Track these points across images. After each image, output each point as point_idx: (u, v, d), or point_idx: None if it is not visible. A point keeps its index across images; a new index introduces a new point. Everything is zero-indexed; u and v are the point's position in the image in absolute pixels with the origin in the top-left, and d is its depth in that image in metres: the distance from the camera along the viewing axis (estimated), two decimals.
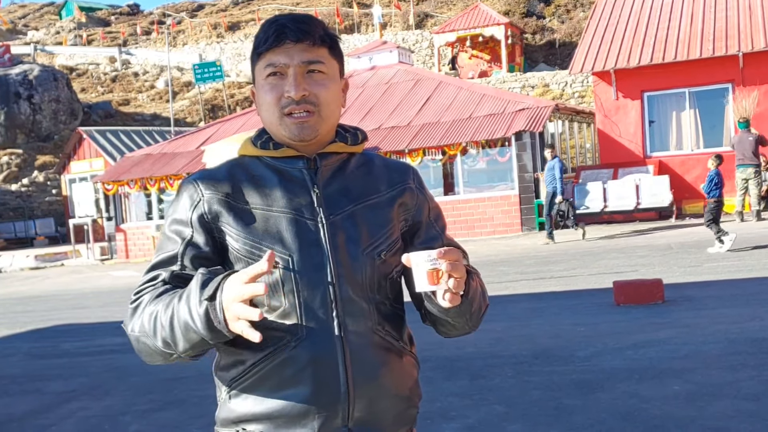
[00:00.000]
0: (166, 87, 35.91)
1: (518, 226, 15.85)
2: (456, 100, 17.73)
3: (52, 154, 30.76)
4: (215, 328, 1.28)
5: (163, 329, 1.34)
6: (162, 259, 1.44)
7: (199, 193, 1.44)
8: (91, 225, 20.76)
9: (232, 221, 1.42)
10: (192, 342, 1.32)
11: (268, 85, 1.44)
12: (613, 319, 6.59)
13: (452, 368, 5.41)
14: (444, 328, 1.50)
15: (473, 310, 1.45)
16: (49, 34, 49.18)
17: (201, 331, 1.29)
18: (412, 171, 1.57)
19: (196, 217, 1.43)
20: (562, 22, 33.51)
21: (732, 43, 16.05)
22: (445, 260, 1.30)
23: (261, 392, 1.41)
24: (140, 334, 1.38)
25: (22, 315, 10.89)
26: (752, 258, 9.30)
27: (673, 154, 16.65)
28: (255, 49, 1.46)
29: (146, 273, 1.45)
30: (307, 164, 1.46)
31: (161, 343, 1.35)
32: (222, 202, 1.42)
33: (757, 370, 4.67)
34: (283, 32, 1.42)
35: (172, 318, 1.32)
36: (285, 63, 1.42)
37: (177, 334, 1.32)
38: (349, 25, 38.41)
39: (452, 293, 1.33)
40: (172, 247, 1.44)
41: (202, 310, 1.27)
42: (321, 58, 1.44)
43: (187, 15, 48.87)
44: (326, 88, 1.45)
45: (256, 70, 1.47)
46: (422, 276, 1.31)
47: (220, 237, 1.43)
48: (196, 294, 1.29)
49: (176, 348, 1.34)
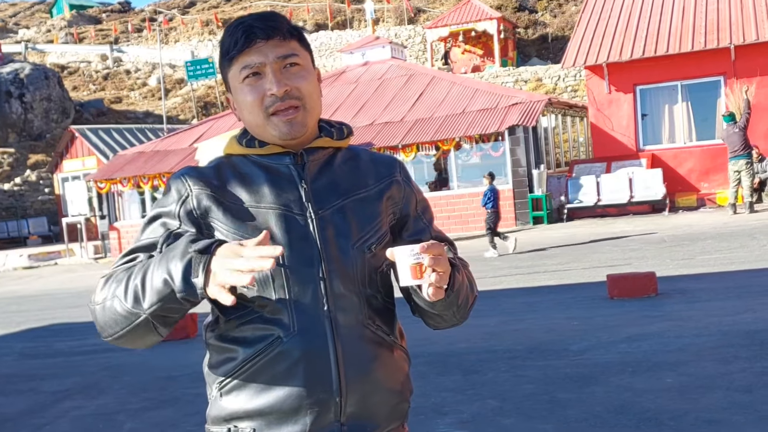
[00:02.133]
0: (159, 84, 35.80)
1: (512, 221, 15.87)
2: (449, 95, 17.73)
3: (45, 153, 30.65)
4: (190, 282, 1.24)
5: (134, 283, 1.30)
6: (142, 245, 1.41)
7: (187, 188, 1.43)
8: (84, 223, 20.70)
9: (222, 216, 1.41)
10: (160, 294, 1.27)
11: (247, 87, 1.42)
12: (607, 313, 6.61)
13: (446, 363, 5.41)
14: (432, 321, 1.50)
15: (460, 302, 1.45)
16: (40, 32, 48.94)
17: (176, 280, 1.25)
18: (399, 164, 1.57)
19: (184, 211, 1.41)
20: (554, 16, 33.51)
21: (723, 35, 16.09)
22: (428, 254, 1.30)
23: (252, 389, 1.40)
24: (107, 297, 1.34)
25: (16, 315, 10.86)
26: (744, 250, 9.34)
27: (665, 147, 16.69)
28: (225, 54, 1.44)
29: (122, 256, 1.42)
30: (294, 160, 1.45)
31: (131, 299, 1.30)
32: (211, 198, 1.41)
33: (750, 362, 4.69)
34: (252, 32, 1.40)
35: (147, 271, 1.29)
36: (261, 62, 1.40)
37: (147, 285, 1.28)
38: (342, 21, 38.34)
39: (436, 287, 1.33)
40: (155, 235, 1.41)
41: (185, 260, 1.25)
42: (294, 50, 1.43)
43: (179, 12, 48.70)
44: (306, 80, 1.44)
45: (230, 76, 1.45)
46: (405, 270, 1.31)
47: (209, 233, 1.42)
48: (184, 245, 1.27)
49: (143, 303, 1.29)
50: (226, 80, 1.47)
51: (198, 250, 1.24)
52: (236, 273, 1.20)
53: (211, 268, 1.23)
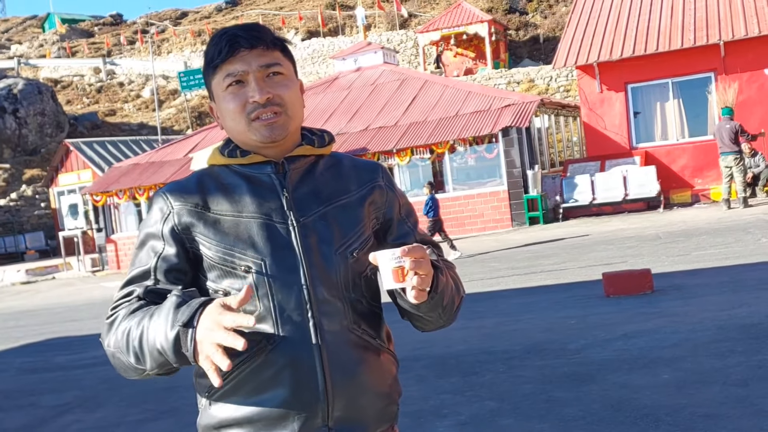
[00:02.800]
0: (152, 96, 35.82)
1: (508, 222, 15.91)
2: (442, 99, 17.78)
3: (40, 168, 30.64)
4: (182, 353, 1.29)
5: (134, 347, 1.34)
6: (136, 274, 1.45)
7: (168, 205, 1.45)
8: (81, 237, 20.69)
9: (204, 230, 1.43)
10: (158, 362, 1.33)
11: (229, 95, 1.45)
12: (604, 311, 6.63)
13: (444, 366, 5.43)
14: (419, 323, 1.52)
15: (445, 304, 1.46)
16: (32, 47, 48.95)
17: (168, 353, 1.30)
18: (381, 169, 1.59)
19: (167, 229, 1.44)
20: (545, 18, 33.62)
21: (713, 32, 16.17)
22: (409, 257, 1.31)
23: (240, 397, 1.42)
24: (115, 349, 1.39)
25: (14, 330, 10.85)
26: (739, 245, 9.37)
27: (658, 145, 16.75)
28: (209, 63, 1.47)
29: (121, 288, 1.46)
30: (275, 169, 1.48)
31: (133, 359, 1.36)
32: (192, 213, 1.44)
33: (746, 355, 4.71)
34: (236, 41, 1.43)
35: (142, 335, 1.33)
36: (244, 70, 1.43)
37: (145, 351, 1.33)
38: (333, 28, 38.42)
39: (419, 290, 1.35)
40: (146, 262, 1.45)
41: (173, 334, 1.28)
42: (277, 60, 1.46)
43: (171, 23, 48.76)
44: (288, 89, 1.46)
45: (213, 84, 1.48)
46: (388, 274, 1.33)
47: (193, 247, 1.44)
48: (168, 315, 1.30)
49: (144, 365, 1.35)
50: (210, 88, 1.50)
51: (183, 324, 1.27)
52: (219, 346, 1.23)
53: (197, 340, 1.26)
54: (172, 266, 1.43)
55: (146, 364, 1.35)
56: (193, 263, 1.45)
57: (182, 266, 1.44)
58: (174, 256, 1.44)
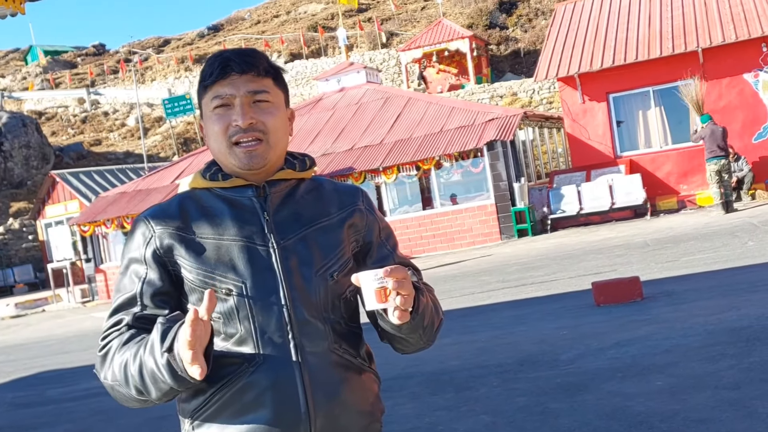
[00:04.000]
0: (137, 124, 35.80)
1: (497, 235, 15.95)
2: (426, 115, 17.88)
3: (26, 200, 30.49)
4: (180, 376, 1.31)
5: (134, 379, 1.36)
6: (122, 302, 1.46)
7: (150, 229, 1.47)
8: (70, 268, 20.55)
9: (185, 253, 1.44)
10: (163, 391, 1.35)
11: (215, 116, 1.48)
12: (595, 320, 6.65)
13: (438, 382, 5.42)
14: (400, 345, 1.53)
15: (425, 324, 1.47)
16: (15, 80, 48.88)
17: (168, 381, 1.32)
18: (362, 193, 1.62)
19: (149, 253, 1.46)
20: (525, 32, 33.93)
21: (690, 39, 16.37)
22: (392, 278, 1.33)
23: (223, 420, 1.43)
24: (113, 383, 1.41)
25: (5, 364, 10.74)
26: (727, 249, 9.44)
27: (643, 153, 16.88)
28: (201, 82, 1.50)
29: (109, 317, 1.47)
30: (256, 192, 1.49)
31: (135, 392, 1.38)
32: (173, 236, 1.45)
33: (737, 359, 4.73)
34: (228, 65, 1.46)
35: (141, 369, 1.35)
36: (231, 94, 1.46)
37: (148, 384, 1.35)
38: (316, 49, 38.61)
39: (401, 310, 1.36)
40: (131, 288, 1.46)
41: (164, 361, 1.30)
42: (266, 87, 1.49)
43: (154, 51, 48.85)
44: (273, 116, 1.49)
45: (203, 103, 1.51)
46: (371, 294, 1.35)
47: (175, 270, 1.46)
48: (157, 345, 1.32)
49: (149, 396, 1.37)
50: (200, 106, 1.53)
51: (168, 350, 1.30)
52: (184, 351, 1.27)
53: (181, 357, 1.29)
54: (156, 290, 1.45)
55: (151, 395, 1.37)
56: (177, 285, 1.46)
57: (167, 289, 1.45)
58: (158, 280, 1.45)
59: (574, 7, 19.81)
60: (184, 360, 1.26)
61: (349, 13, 40.39)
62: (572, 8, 19.80)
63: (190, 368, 1.27)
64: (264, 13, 50.76)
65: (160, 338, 1.32)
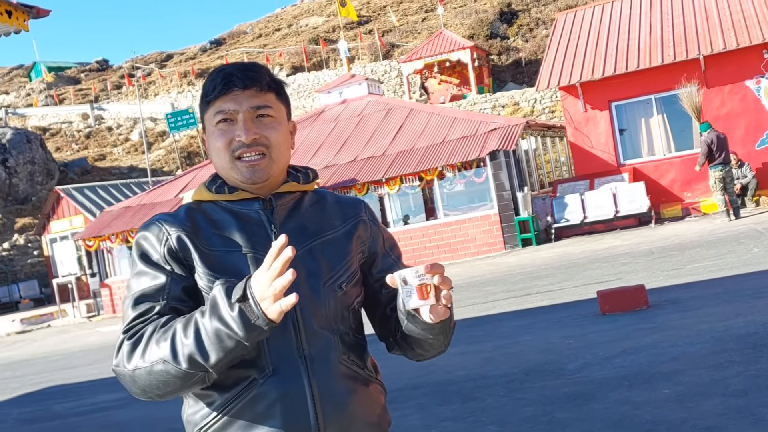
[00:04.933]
0: (141, 139, 35.94)
1: (501, 245, 15.94)
2: (428, 126, 17.91)
3: (31, 216, 30.57)
4: (253, 325, 1.28)
5: (187, 348, 1.31)
6: (147, 290, 1.42)
7: (164, 231, 1.47)
8: (75, 283, 20.58)
9: (198, 259, 1.45)
10: (226, 349, 1.31)
11: (218, 131, 1.49)
12: (601, 329, 6.64)
13: (444, 393, 5.41)
14: (421, 350, 1.52)
15: (452, 325, 1.48)
16: (19, 96, 49.14)
17: (238, 332, 1.28)
18: (364, 205, 1.63)
19: (166, 251, 1.45)
20: (526, 41, 34.03)
21: (692, 47, 16.40)
22: (435, 274, 1.32)
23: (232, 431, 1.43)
24: (153, 363, 1.34)
25: (11, 380, 10.74)
26: (732, 256, 9.42)
27: (646, 160, 16.88)
28: (204, 97, 1.51)
29: (132, 308, 1.42)
30: (262, 205, 1.51)
31: (186, 363, 1.32)
32: (187, 239, 1.45)
33: (744, 365, 4.72)
34: (231, 80, 1.47)
35: (198, 333, 1.31)
36: (234, 109, 1.47)
37: (207, 346, 1.30)
38: (317, 62, 38.76)
39: (444, 307, 1.35)
40: (155, 282, 1.43)
41: (236, 312, 1.28)
42: (269, 102, 1.49)
43: (157, 66, 49.09)
44: (276, 131, 1.50)
45: (206, 118, 1.52)
46: (412, 292, 1.33)
47: (191, 270, 1.46)
48: (223, 301, 1.30)
49: (207, 362, 1.31)
50: (203, 121, 1.54)
51: (239, 299, 1.28)
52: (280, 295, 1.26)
53: (260, 304, 1.27)
54: (183, 281, 1.43)
55: (210, 359, 1.31)
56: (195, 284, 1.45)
57: (191, 284, 1.44)
58: (182, 272, 1.44)
59: (575, 17, 19.88)
60: (278, 287, 1.24)
61: (350, 26, 40.57)
62: (573, 17, 19.87)
63: (285, 299, 1.25)
64: (265, 27, 51.02)
65: (225, 294, 1.30)
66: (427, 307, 1.35)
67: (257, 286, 1.28)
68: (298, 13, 51.52)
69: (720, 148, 13.44)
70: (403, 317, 1.44)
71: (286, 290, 1.26)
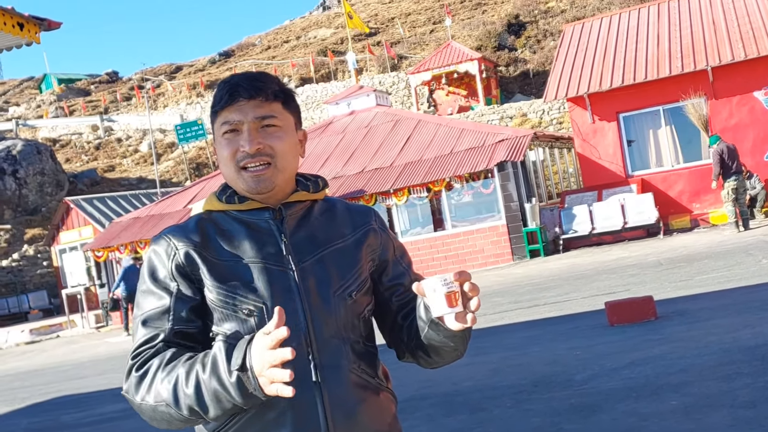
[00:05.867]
0: (150, 150, 36.13)
1: (509, 256, 15.92)
2: (436, 137, 17.95)
3: (41, 227, 30.74)
4: (250, 394, 1.31)
5: (188, 399, 1.35)
6: (152, 314, 1.45)
7: (172, 246, 1.48)
8: (84, 293, 20.66)
9: (207, 272, 1.46)
10: (224, 408, 1.35)
11: (224, 141, 1.51)
12: (608, 340, 6.62)
13: (452, 404, 5.41)
14: (438, 357, 1.52)
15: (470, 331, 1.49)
16: (30, 108, 49.53)
17: (236, 398, 1.32)
18: (374, 213, 1.64)
19: (174, 268, 1.46)
20: (533, 53, 34.09)
21: (700, 58, 16.40)
22: (465, 281, 1.34)
23: None
24: (157, 403, 1.38)
25: (20, 390, 10.78)
26: (741, 267, 9.38)
27: (654, 172, 16.85)
28: (212, 108, 1.54)
29: (139, 330, 1.45)
30: (272, 215, 1.52)
31: (186, 411, 1.36)
32: (195, 253, 1.47)
33: (752, 377, 4.70)
34: (236, 90, 1.49)
35: (199, 388, 1.34)
36: (239, 120, 1.48)
37: (207, 402, 1.34)
38: (326, 74, 38.93)
39: (472, 313, 1.37)
40: (160, 303, 1.45)
41: (234, 380, 1.30)
42: (274, 112, 1.51)
43: (166, 78, 49.40)
44: (281, 140, 1.51)
45: (214, 128, 1.54)
46: (440, 300, 1.33)
47: (199, 286, 1.47)
48: (223, 364, 1.32)
49: (206, 415, 1.36)
50: (213, 131, 1.56)
51: (239, 369, 1.30)
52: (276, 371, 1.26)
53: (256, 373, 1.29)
54: (189, 303, 1.45)
55: (209, 414, 1.35)
56: (203, 300, 1.47)
57: (198, 303, 1.46)
58: (189, 292, 1.46)
59: (582, 28, 19.92)
60: (280, 378, 1.25)
61: (359, 38, 40.75)
62: (581, 29, 19.91)
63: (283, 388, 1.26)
64: (274, 39, 51.31)
65: (226, 356, 1.32)
66: (452, 315, 1.36)
67: (257, 360, 1.28)
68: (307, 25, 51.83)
69: (731, 159, 13.42)
70: (423, 325, 1.44)
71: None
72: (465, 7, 42.33)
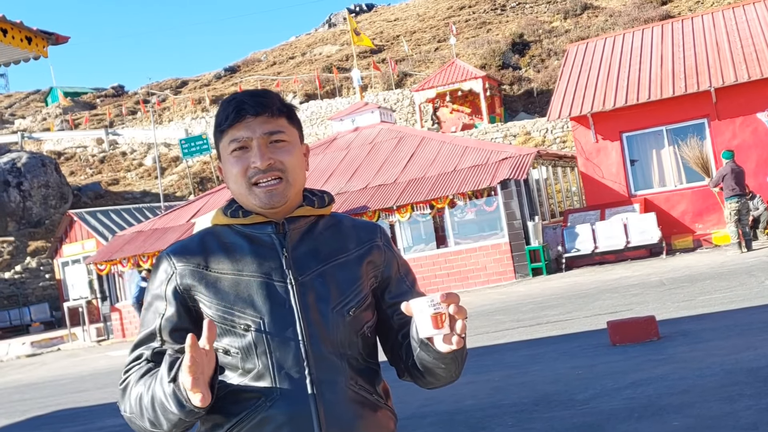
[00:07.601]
0: (154, 164, 36.25)
1: (511, 274, 15.90)
2: (440, 155, 18.00)
3: (44, 239, 30.79)
4: (186, 406, 1.34)
5: (147, 411, 1.40)
6: (143, 337, 1.52)
7: (172, 266, 1.51)
8: (85, 307, 20.65)
9: (204, 290, 1.48)
10: (172, 422, 1.38)
11: (233, 158, 1.52)
12: (610, 360, 6.61)
13: (452, 422, 5.39)
14: (432, 378, 1.51)
15: (464, 355, 1.49)
16: (36, 121, 49.78)
17: (175, 410, 1.35)
18: (380, 230, 1.65)
19: (170, 290, 1.50)
20: (537, 71, 34.24)
21: (703, 79, 16.46)
22: (451, 303, 1.34)
23: None
24: (131, 415, 1.44)
25: (20, 403, 10.76)
26: (743, 288, 9.36)
27: (657, 191, 16.86)
28: (217, 127, 1.55)
29: (131, 352, 1.53)
30: (275, 229, 1.53)
31: (148, 424, 1.41)
32: (194, 273, 1.50)
33: (755, 399, 4.69)
34: (243, 108, 1.50)
35: (153, 400, 1.38)
36: (248, 136, 1.50)
37: (159, 415, 1.38)
38: (331, 90, 39.11)
39: (458, 336, 1.36)
40: (151, 323, 1.52)
41: (170, 391, 1.34)
42: (281, 127, 1.53)
43: (171, 92, 49.67)
44: (290, 154, 1.53)
45: (220, 147, 1.55)
46: (426, 321, 1.33)
47: (195, 306, 1.50)
48: (165, 376, 1.36)
49: (162, 428, 1.39)
50: (218, 150, 1.57)
51: (171, 380, 1.34)
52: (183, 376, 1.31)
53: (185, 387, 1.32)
54: (175, 326, 1.49)
55: (163, 427, 1.39)
56: (196, 321, 1.50)
57: (186, 325, 1.49)
58: (176, 316, 1.50)
59: (586, 48, 20.02)
60: (185, 385, 1.30)
61: (364, 54, 40.98)
62: (584, 48, 20.01)
63: (192, 395, 1.30)
64: (280, 55, 51.61)
65: (168, 369, 1.36)
66: (440, 336, 1.35)
67: (181, 370, 1.33)
68: (312, 42, 52.12)
69: (737, 182, 13.42)
70: (415, 345, 1.44)
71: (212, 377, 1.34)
72: (470, 26, 42.57)
